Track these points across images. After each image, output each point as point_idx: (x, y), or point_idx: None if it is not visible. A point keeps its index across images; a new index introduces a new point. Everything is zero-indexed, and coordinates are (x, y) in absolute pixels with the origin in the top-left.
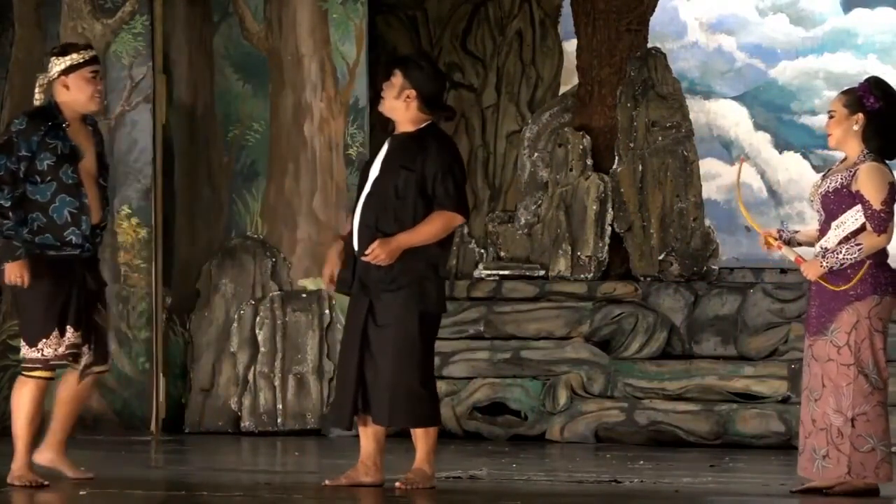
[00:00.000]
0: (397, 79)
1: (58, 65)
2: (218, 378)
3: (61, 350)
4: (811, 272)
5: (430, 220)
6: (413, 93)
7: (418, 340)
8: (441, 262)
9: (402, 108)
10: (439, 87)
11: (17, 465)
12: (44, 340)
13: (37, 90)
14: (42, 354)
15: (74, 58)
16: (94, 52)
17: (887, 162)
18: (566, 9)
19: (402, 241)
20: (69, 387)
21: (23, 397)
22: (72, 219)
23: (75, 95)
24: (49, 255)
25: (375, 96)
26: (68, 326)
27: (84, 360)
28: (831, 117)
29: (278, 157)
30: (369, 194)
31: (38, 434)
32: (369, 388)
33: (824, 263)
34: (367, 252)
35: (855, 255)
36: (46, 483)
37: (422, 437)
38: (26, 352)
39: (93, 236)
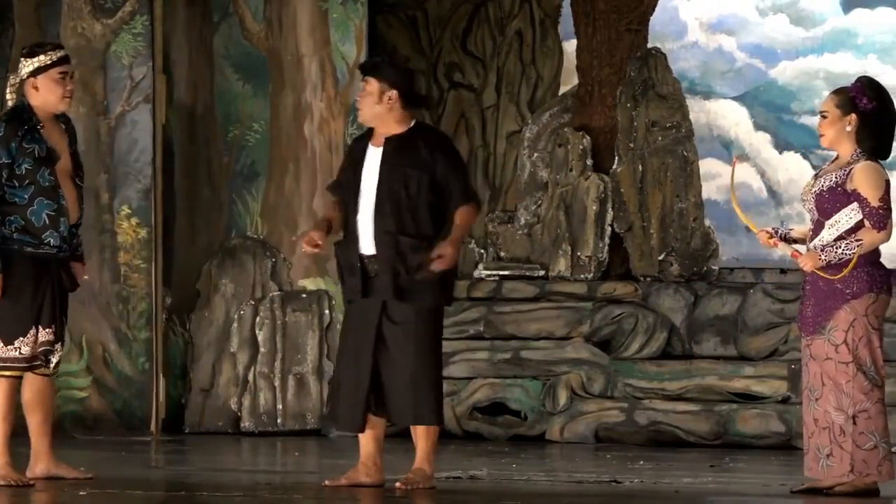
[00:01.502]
0: (372, 85)
1: (27, 66)
2: (218, 378)
3: (36, 349)
4: (809, 263)
5: (463, 218)
6: (394, 93)
7: (436, 337)
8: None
9: (385, 111)
10: (413, 82)
11: None
12: (21, 339)
13: (8, 91)
14: (20, 353)
15: (42, 59)
16: (64, 52)
17: (881, 162)
18: (566, 9)
19: (457, 240)
20: (34, 391)
21: None
22: (50, 221)
23: (45, 96)
24: (27, 251)
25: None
26: (40, 325)
27: (56, 359)
28: (824, 117)
29: (278, 158)
30: (379, 199)
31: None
32: (386, 388)
33: (823, 256)
34: (438, 256)
35: (854, 250)
36: (31, 483)
37: (423, 436)
38: (1, 350)
39: (70, 237)
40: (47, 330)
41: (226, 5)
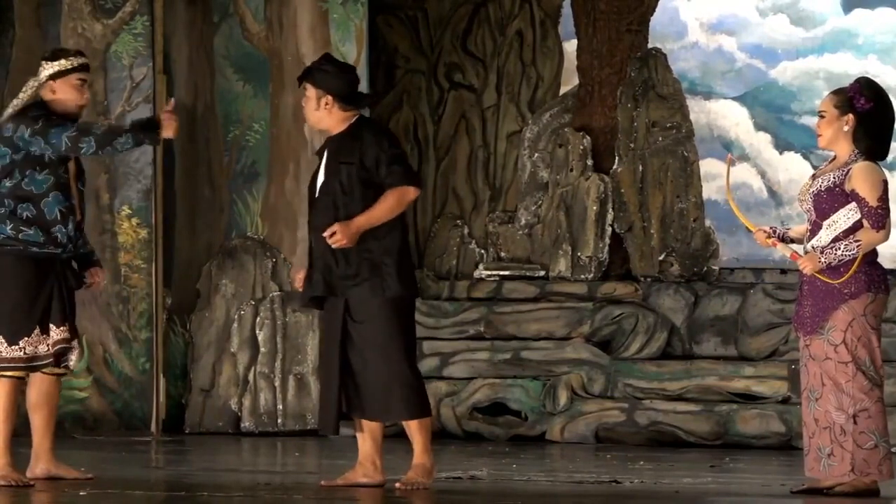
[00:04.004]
0: (310, 91)
1: (47, 69)
2: (218, 378)
3: (45, 349)
4: (809, 266)
5: (382, 198)
6: (329, 98)
7: (398, 331)
8: (393, 248)
9: (325, 115)
10: (350, 82)
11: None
12: (26, 339)
13: (28, 91)
14: (24, 353)
15: (63, 63)
16: (85, 60)
17: (878, 162)
18: (567, 9)
19: (360, 223)
20: (40, 390)
21: None
22: (61, 217)
23: (62, 100)
24: (31, 251)
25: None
26: (52, 325)
27: (75, 356)
28: (822, 118)
29: (279, 158)
30: (318, 198)
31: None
32: (359, 387)
33: (822, 259)
34: (326, 234)
35: (853, 252)
36: (32, 483)
37: (417, 430)
38: (4, 350)
39: (75, 237)
40: (61, 328)
41: (226, 6)
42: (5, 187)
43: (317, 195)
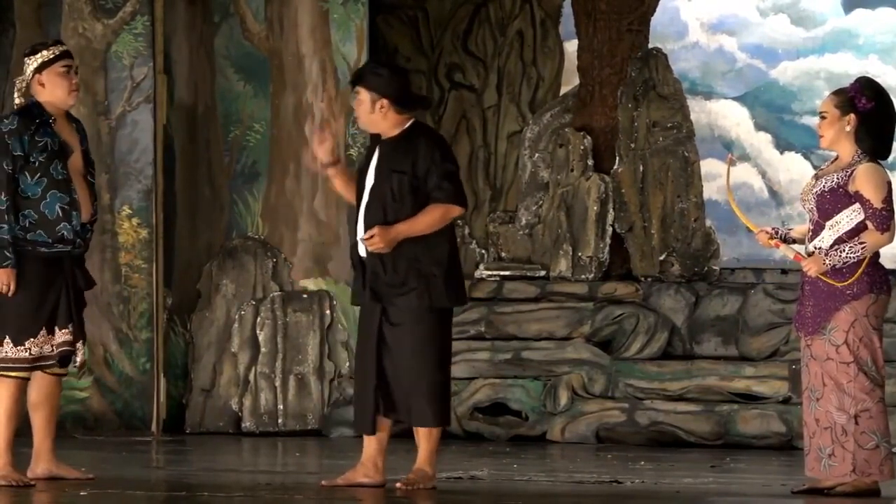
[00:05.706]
0: (363, 95)
1: (30, 64)
2: (219, 378)
3: (49, 350)
4: (814, 268)
5: (426, 210)
6: (384, 101)
7: (436, 338)
8: (443, 258)
9: (380, 119)
10: (404, 85)
11: (0, 463)
12: (31, 340)
13: (16, 94)
14: (30, 353)
15: (45, 55)
16: (66, 47)
17: (880, 161)
18: (567, 9)
19: (400, 230)
20: (41, 390)
21: (1, 397)
22: (63, 214)
23: (52, 91)
24: (40, 251)
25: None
26: (57, 326)
27: (79, 358)
28: (823, 118)
29: (279, 158)
30: (368, 203)
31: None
32: (393, 389)
33: (827, 261)
34: (364, 237)
35: (858, 254)
36: (33, 483)
37: (425, 437)
38: (10, 350)
39: (83, 232)
40: (65, 330)
41: (227, 5)
42: (9, 198)
43: (366, 198)
